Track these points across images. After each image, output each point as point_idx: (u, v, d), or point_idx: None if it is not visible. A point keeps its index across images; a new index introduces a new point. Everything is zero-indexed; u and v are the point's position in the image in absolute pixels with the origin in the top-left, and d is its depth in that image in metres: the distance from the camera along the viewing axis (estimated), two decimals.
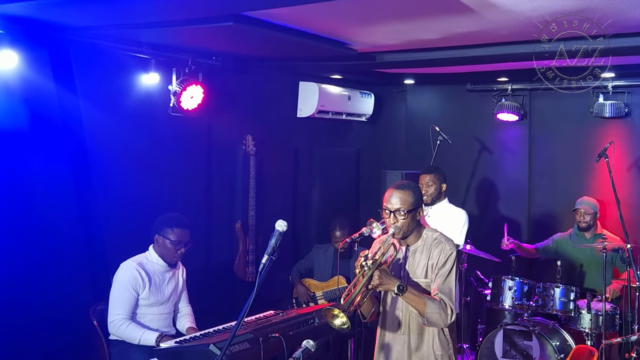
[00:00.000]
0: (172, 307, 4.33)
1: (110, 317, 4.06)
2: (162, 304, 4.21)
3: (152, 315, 4.16)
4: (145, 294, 4.10)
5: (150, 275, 4.15)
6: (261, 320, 3.82)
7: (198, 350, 3.23)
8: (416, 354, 3.24)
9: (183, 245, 4.19)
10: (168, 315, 4.28)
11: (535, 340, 5.04)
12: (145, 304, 4.13)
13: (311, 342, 2.79)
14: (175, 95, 4.89)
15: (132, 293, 4.06)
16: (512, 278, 5.31)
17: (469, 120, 6.79)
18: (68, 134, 4.35)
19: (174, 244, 4.16)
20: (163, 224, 4.20)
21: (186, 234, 4.21)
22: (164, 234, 4.17)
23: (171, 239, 4.16)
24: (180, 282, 4.40)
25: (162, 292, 4.21)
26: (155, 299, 4.15)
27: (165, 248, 4.18)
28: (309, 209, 6.56)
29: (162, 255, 4.20)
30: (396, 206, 3.16)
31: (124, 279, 4.08)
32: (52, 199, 4.26)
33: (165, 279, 4.26)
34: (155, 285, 4.17)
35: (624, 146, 6.01)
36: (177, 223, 4.19)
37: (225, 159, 5.63)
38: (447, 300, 3.12)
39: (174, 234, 4.16)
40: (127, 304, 4.04)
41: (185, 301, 4.46)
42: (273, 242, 2.89)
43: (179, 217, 4.26)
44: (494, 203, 6.74)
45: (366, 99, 6.83)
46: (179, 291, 4.37)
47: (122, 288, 4.06)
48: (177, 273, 4.39)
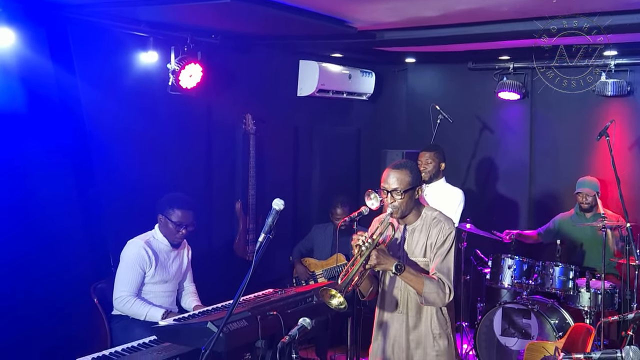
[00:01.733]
0: (177, 285, 4.36)
1: (116, 293, 4.08)
2: (166, 282, 4.24)
3: (156, 293, 4.19)
4: (151, 273, 4.13)
5: (157, 254, 4.17)
6: (259, 298, 3.83)
7: (196, 328, 3.24)
8: (414, 332, 3.25)
9: (184, 227, 4.18)
10: (172, 292, 4.31)
11: (534, 318, 5.06)
12: (151, 281, 4.16)
13: (307, 320, 2.80)
14: (174, 73, 4.87)
15: (139, 271, 4.09)
16: (511, 257, 5.32)
17: (470, 99, 6.75)
18: (66, 113, 4.34)
19: (175, 225, 4.16)
20: (166, 204, 4.20)
21: (188, 215, 4.20)
22: (166, 214, 4.18)
23: (172, 220, 4.16)
24: (185, 261, 4.41)
25: (167, 271, 4.23)
26: (160, 277, 4.18)
27: (167, 228, 4.20)
28: (309, 188, 6.56)
29: (165, 235, 4.22)
30: (393, 186, 3.15)
31: (131, 257, 4.09)
32: (51, 179, 4.26)
33: (171, 257, 4.28)
34: (161, 263, 4.19)
35: (625, 125, 5.98)
36: (179, 204, 4.19)
37: (225, 138, 5.61)
38: (445, 280, 3.12)
39: (176, 215, 4.17)
40: (133, 282, 4.07)
41: (190, 280, 4.49)
42: (270, 220, 2.88)
43: (181, 198, 4.25)
44: (495, 182, 6.73)
45: (367, 78, 6.80)
46: (183, 270, 4.39)
47: (129, 266, 4.08)
48: (183, 252, 4.41)
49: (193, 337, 3.23)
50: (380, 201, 4.12)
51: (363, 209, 4.19)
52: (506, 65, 6.44)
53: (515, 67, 6.40)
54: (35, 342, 4.12)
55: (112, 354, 3.33)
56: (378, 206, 4.10)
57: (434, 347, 3.23)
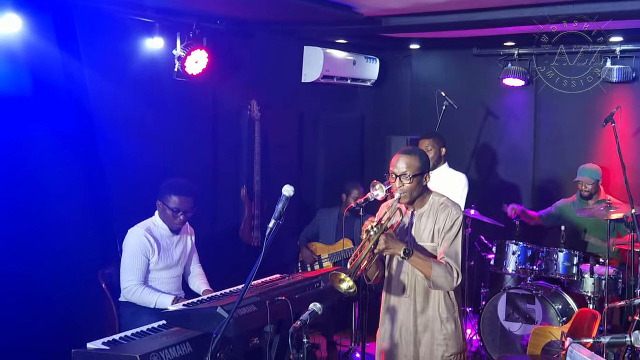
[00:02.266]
0: (182, 269, 4.37)
1: (124, 283, 4.09)
2: (171, 267, 4.24)
3: (161, 279, 4.20)
4: (155, 259, 4.13)
5: (159, 241, 4.17)
6: (267, 283, 3.85)
7: (206, 313, 3.26)
8: (422, 316, 3.28)
9: (182, 213, 4.13)
10: (177, 278, 4.32)
11: (538, 303, 5.09)
12: (155, 268, 4.16)
13: (318, 305, 2.82)
14: (179, 60, 4.86)
15: (143, 259, 4.09)
16: (515, 243, 5.34)
17: (474, 86, 6.75)
18: (72, 99, 4.34)
19: (172, 211, 4.12)
20: (164, 191, 4.16)
21: (186, 201, 4.15)
22: (164, 200, 4.14)
23: (170, 206, 4.12)
24: (189, 245, 4.41)
25: (171, 256, 4.24)
26: (164, 264, 4.19)
27: (165, 214, 4.16)
28: (314, 174, 6.57)
29: (164, 221, 4.20)
30: (402, 170, 3.17)
31: (133, 245, 4.09)
32: (57, 165, 4.27)
33: (173, 242, 4.28)
34: (164, 249, 4.20)
35: (630, 111, 5.98)
36: (176, 190, 4.13)
37: (230, 124, 5.62)
38: (453, 264, 3.15)
39: (173, 201, 4.12)
40: (139, 270, 4.07)
41: (196, 262, 4.49)
42: (280, 206, 2.90)
43: (179, 185, 4.19)
44: (499, 168, 6.74)
45: (371, 64, 6.78)
46: (187, 254, 4.40)
47: (132, 255, 4.08)
48: (185, 237, 4.41)
49: (203, 322, 3.25)
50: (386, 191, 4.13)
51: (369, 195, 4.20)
52: (511, 51, 6.43)
53: (519, 54, 6.39)
54: (43, 327, 4.15)
55: (122, 338, 3.35)
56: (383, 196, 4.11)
57: (441, 331, 3.26)
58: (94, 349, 3.19)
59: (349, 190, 5.78)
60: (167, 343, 3.16)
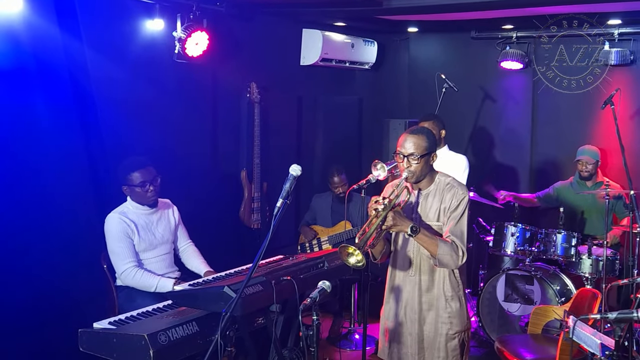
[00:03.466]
0: (169, 247, 4.31)
1: (120, 268, 4.05)
2: (156, 246, 4.19)
3: (149, 260, 4.17)
4: (137, 240, 4.09)
5: (135, 222, 4.12)
6: (272, 264, 3.87)
7: (213, 292, 3.27)
8: (427, 294, 3.31)
9: (149, 183, 4.10)
10: (165, 256, 4.27)
11: (537, 284, 5.14)
12: (139, 249, 4.12)
13: (327, 283, 2.85)
14: (180, 41, 4.84)
15: (128, 240, 4.05)
16: (514, 224, 5.38)
17: (472, 69, 6.75)
18: (72, 80, 4.31)
19: (139, 187, 4.09)
20: (122, 173, 4.13)
21: (147, 172, 4.10)
22: (127, 182, 4.11)
23: (135, 184, 4.09)
24: (173, 222, 4.35)
25: (152, 234, 4.19)
26: (147, 243, 4.14)
27: (135, 194, 4.13)
28: (313, 157, 6.58)
29: (138, 201, 4.15)
30: (409, 150, 3.18)
31: (114, 230, 4.05)
32: (59, 146, 4.25)
33: (153, 221, 4.22)
34: (143, 229, 4.14)
35: (628, 94, 6.00)
36: (133, 166, 4.10)
37: (230, 106, 5.61)
38: (458, 242, 3.17)
39: (134, 178, 4.09)
40: (129, 251, 4.04)
41: (185, 238, 4.45)
42: (287, 186, 2.92)
43: (132, 161, 4.16)
44: (497, 151, 6.77)
45: (369, 47, 6.78)
46: (171, 230, 4.34)
47: (116, 238, 4.04)
48: (167, 212, 4.34)
49: (209, 302, 3.26)
50: (387, 171, 4.15)
51: (371, 176, 4.22)
52: (509, 34, 6.43)
53: (518, 37, 6.39)
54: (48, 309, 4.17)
55: (129, 318, 3.37)
56: (385, 176, 4.13)
57: (446, 309, 3.29)
58: (101, 329, 3.22)
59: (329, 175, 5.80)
60: (173, 322, 3.18)
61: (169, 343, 3.03)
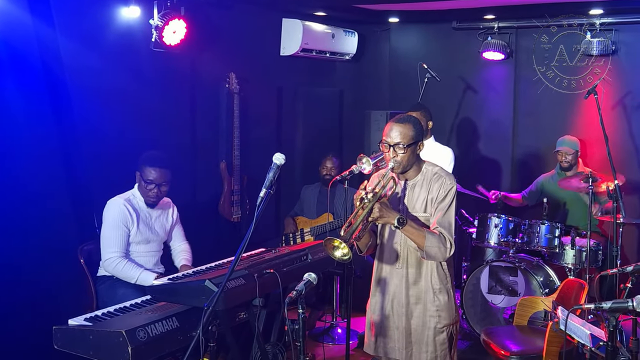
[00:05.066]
0: (161, 245, 4.28)
1: (105, 255, 3.99)
2: (150, 241, 4.16)
3: (139, 253, 4.12)
4: (134, 231, 4.05)
5: (138, 212, 4.09)
6: (254, 257, 3.78)
7: (193, 287, 3.17)
8: (414, 287, 3.24)
9: (156, 186, 4.07)
10: (156, 253, 4.23)
11: (521, 275, 5.11)
12: (134, 240, 4.08)
13: (313, 275, 2.76)
14: (157, 29, 4.71)
15: (124, 229, 4.00)
16: (498, 216, 5.34)
17: (454, 59, 6.69)
18: (45, 68, 4.16)
19: (146, 183, 4.07)
20: (142, 162, 4.11)
21: (161, 174, 4.07)
22: (142, 171, 4.09)
23: (144, 178, 4.06)
24: (170, 221, 4.33)
25: (150, 230, 4.15)
26: (143, 236, 4.09)
27: (141, 186, 4.12)
28: (294, 150, 6.48)
29: (141, 192, 4.14)
30: (396, 140, 3.10)
31: (113, 215, 4.00)
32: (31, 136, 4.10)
33: (153, 216, 4.20)
34: (143, 222, 4.11)
35: (610, 84, 6.00)
36: (153, 162, 4.08)
37: (208, 96, 5.49)
38: (446, 234, 3.10)
39: (148, 172, 4.06)
40: (120, 241, 3.98)
41: (180, 239, 4.41)
42: (271, 175, 2.83)
43: (155, 157, 4.14)
44: (478, 143, 6.73)
45: (350, 38, 6.69)
46: (167, 229, 4.30)
47: (112, 225, 3.99)
48: (167, 212, 4.32)
49: (190, 296, 3.16)
50: (373, 165, 4.07)
51: (354, 167, 4.14)
52: (490, 24, 6.38)
53: (499, 27, 6.35)
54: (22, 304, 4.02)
55: (105, 314, 3.26)
56: (370, 170, 4.05)
57: (434, 302, 3.22)
58: (77, 326, 3.10)
59: (321, 162, 5.74)
60: (153, 318, 3.07)
61: (148, 339, 2.93)
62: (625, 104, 5.99)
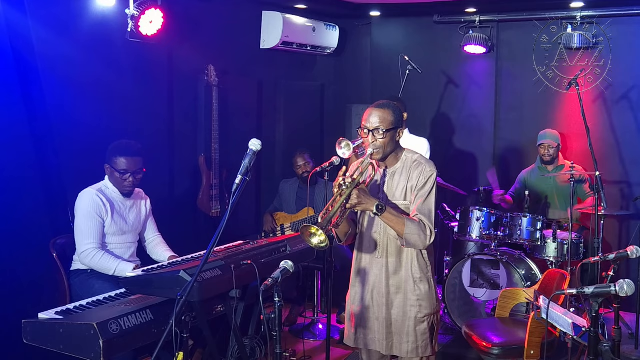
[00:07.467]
0: (136, 236, 4.18)
1: (81, 247, 3.88)
2: (125, 233, 4.06)
3: (115, 244, 4.02)
4: (109, 222, 3.95)
5: (112, 202, 3.99)
6: (232, 249, 3.70)
7: (168, 278, 3.08)
8: (394, 277, 3.17)
9: (131, 175, 3.98)
10: (131, 244, 4.13)
11: (503, 268, 5.07)
12: (109, 232, 3.98)
13: (290, 263, 2.69)
14: (133, 19, 4.59)
15: (98, 219, 3.90)
16: (479, 209, 5.30)
17: (435, 53, 6.66)
18: (16, 56, 4.03)
19: (120, 173, 3.97)
20: (111, 153, 4.01)
21: (134, 162, 3.98)
22: (112, 163, 3.99)
23: (117, 168, 3.97)
24: (144, 212, 4.23)
25: (124, 221, 4.05)
26: (117, 227, 4.00)
27: (114, 177, 4.01)
28: (274, 144, 6.41)
29: (114, 184, 4.04)
30: (375, 125, 3.04)
31: (86, 206, 3.89)
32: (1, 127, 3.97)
33: (127, 207, 4.10)
34: (117, 212, 4.01)
35: (590, 77, 6.00)
36: (123, 151, 3.98)
37: (186, 89, 5.39)
38: (426, 221, 3.05)
39: (120, 162, 3.96)
40: (95, 232, 3.88)
41: (154, 230, 4.32)
42: (247, 162, 2.76)
43: (125, 146, 4.04)
44: (460, 137, 6.70)
45: (331, 32, 6.62)
46: (142, 220, 4.21)
47: (86, 216, 3.88)
48: (140, 203, 4.22)
49: (165, 288, 3.08)
50: (353, 149, 4.01)
51: (334, 159, 4.09)
52: (472, 18, 6.36)
53: (481, 20, 6.32)
54: None
55: (77, 307, 3.16)
56: (350, 154, 3.99)
57: (414, 292, 3.16)
58: (47, 319, 3.01)
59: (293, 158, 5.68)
60: (126, 311, 2.99)
61: (121, 332, 2.84)
62: (606, 97, 5.99)
